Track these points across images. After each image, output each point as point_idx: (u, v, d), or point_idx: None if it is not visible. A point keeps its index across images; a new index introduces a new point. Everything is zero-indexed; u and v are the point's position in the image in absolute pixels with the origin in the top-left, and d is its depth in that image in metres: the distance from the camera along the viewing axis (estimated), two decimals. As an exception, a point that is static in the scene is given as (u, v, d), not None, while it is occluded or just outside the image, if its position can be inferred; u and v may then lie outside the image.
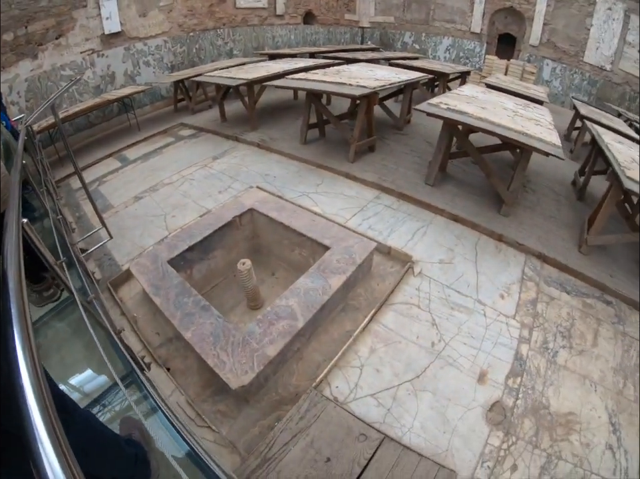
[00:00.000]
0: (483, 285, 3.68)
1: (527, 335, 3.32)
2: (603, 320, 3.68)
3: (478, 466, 2.54)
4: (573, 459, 2.81)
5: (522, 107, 5.63)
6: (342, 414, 2.52)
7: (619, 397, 3.27)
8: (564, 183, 5.71)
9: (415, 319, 3.32)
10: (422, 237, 4.17)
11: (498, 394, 2.92)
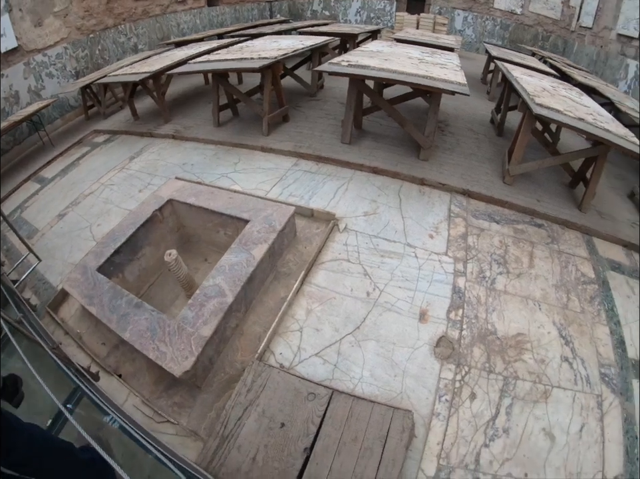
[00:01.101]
0: (410, 228, 3.84)
1: (462, 268, 3.50)
2: (536, 243, 3.93)
3: (435, 402, 2.70)
4: (531, 377, 3.02)
5: (429, 54, 5.90)
6: (287, 378, 2.61)
7: (565, 311, 3.53)
8: (483, 123, 6.03)
9: (347, 273, 3.43)
10: (344, 194, 4.30)
11: (442, 329, 3.08)
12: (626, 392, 3.38)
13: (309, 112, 6.48)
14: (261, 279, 3.36)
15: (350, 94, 4.96)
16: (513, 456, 2.68)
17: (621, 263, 4.48)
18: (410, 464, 2.47)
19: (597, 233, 4.37)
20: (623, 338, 3.75)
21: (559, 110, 4.34)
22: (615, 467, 2.94)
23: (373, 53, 5.59)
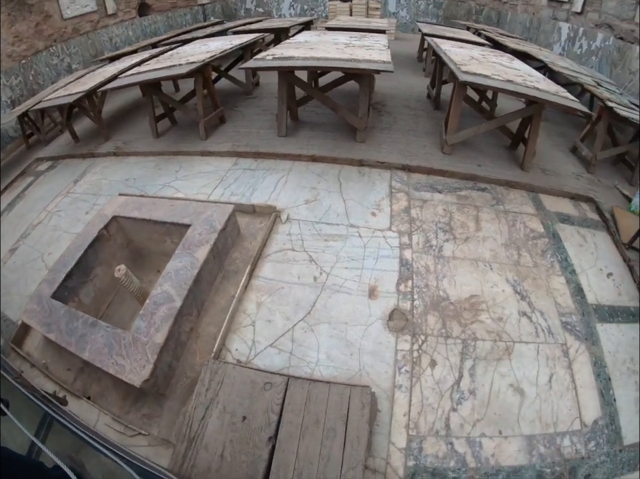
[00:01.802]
0: (352, 210, 3.90)
1: (408, 241, 3.57)
2: (481, 206, 4.03)
3: (396, 374, 2.75)
4: (490, 336, 3.11)
5: (357, 39, 6.02)
6: (243, 372, 2.67)
7: (518, 267, 3.64)
8: (420, 99, 6.17)
9: (292, 262, 3.47)
10: (284, 186, 4.34)
11: (393, 302, 3.14)
12: (591, 337, 3.51)
13: (245, 110, 6.50)
14: (209, 280, 3.42)
15: (280, 87, 5.03)
16: (484, 415, 2.76)
17: (569, 215, 4.67)
18: (379, 439, 2.52)
19: (542, 189, 4.54)
20: (581, 285, 3.89)
21: (487, 75, 4.50)
22: (592, 411, 3.09)
23: (300, 44, 5.68)
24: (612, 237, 4.66)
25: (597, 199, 4.97)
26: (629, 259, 4.45)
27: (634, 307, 4.07)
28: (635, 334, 3.78)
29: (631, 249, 4.54)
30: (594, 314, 3.71)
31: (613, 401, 3.25)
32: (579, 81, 6.43)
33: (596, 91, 6.10)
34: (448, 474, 2.49)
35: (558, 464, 2.76)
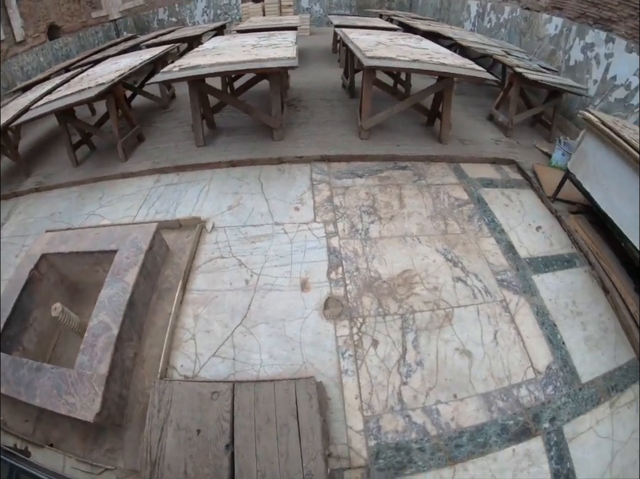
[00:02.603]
0: (275, 208, 3.93)
1: (333, 229, 3.62)
2: (403, 184, 4.13)
3: (340, 360, 2.79)
4: (428, 306, 3.20)
5: (265, 38, 6.08)
6: (189, 386, 2.67)
7: (446, 236, 3.76)
8: (336, 90, 6.29)
9: (223, 269, 3.46)
10: (206, 196, 4.33)
11: (326, 291, 3.18)
12: (529, 289, 3.68)
13: (163, 125, 6.43)
14: (144, 302, 3.39)
15: (192, 97, 5.01)
16: (435, 383, 2.84)
17: (492, 179, 4.88)
18: (336, 426, 2.55)
19: (462, 159, 4.73)
20: (511, 243, 4.07)
21: (392, 58, 4.63)
22: (543, 358, 3.23)
23: (207, 51, 5.68)
24: (536, 193, 4.91)
25: (517, 160, 5.23)
26: (555, 210, 4.70)
27: (567, 253, 4.28)
28: (572, 279, 4.01)
29: (556, 200, 4.80)
30: (528, 267, 3.88)
31: (562, 344, 3.42)
32: (488, 53, 6.74)
33: (505, 60, 6.41)
34: (411, 446, 2.54)
35: (520, 414, 2.88)
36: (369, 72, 4.64)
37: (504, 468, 2.64)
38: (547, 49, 7.87)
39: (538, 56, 8.05)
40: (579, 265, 4.24)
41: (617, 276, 4.23)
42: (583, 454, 2.92)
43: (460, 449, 2.62)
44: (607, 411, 3.21)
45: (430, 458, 2.54)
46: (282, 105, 4.94)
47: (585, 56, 6.98)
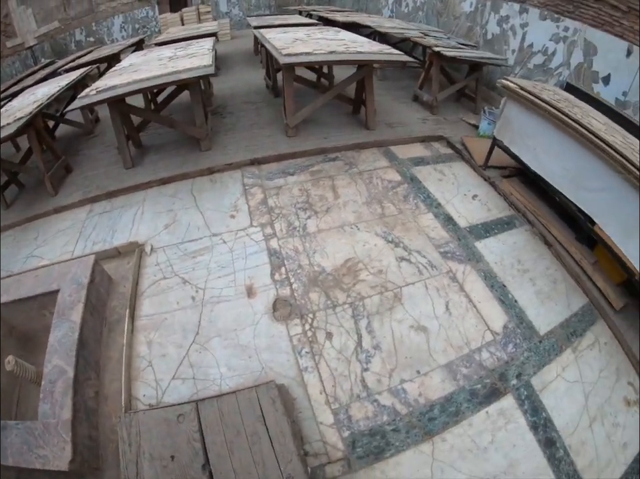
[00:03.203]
0: (211, 219, 3.88)
1: (271, 230, 3.61)
2: (335, 175, 4.18)
3: (298, 359, 2.79)
4: (376, 290, 3.25)
5: (183, 49, 5.98)
6: (154, 414, 2.58)
7: (384, 219, 3.82)
8: (260, 92, 6.25)
9: (168, 290, 3.40)
10: (141, 218, 4.23)
11: (273, 293, 3.17)
12: (474, 257, 3.79)
13: (90, 151, 6.19)
14: (95, 338, 3.27)
15: (114, 119, 4.86)
16: (396, 363, 2.88)
17: (423, 157, 4.98)
18: (308, 424, 2.55)
19: (391, 142, 4.80)
20: (449, 214, 4.17)
21: (309, 52, 4.65)
22: (498, 319, 3.34)
23: (124, 69, 5.53)
24: (468, 164, 5.05)
25: (446, 135, 5.36)
26: (488, 177, 4.84)
27: (506, 216, 4.44)
28: (514, 239, 4.17)
29: (488, 168, 4.95)
30: (470, 235, 4.00)
31: (515, 303, 3.55)
32: (406, 36, 6.87)
33: (423, 41, 6.56)
34: (384, 429, 2.57)
35: (486, 377, 2.96)
36: (288, 70, 4.64)
37: (481, 431, 2.70)
38: (464, 26, 8.10)
39: (456, 34, 8.29)
40: (519, 225, 4.42)
41: (556, 229, 4.41)
42: (556, 401, 3.03)
43: (434, 422, 2.67)
44: (571, 357, 3.34)
45: (407, 437, 2.57)
46: (206, 114, 4.88)
47: (502, 28, 7.23)
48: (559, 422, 2.92)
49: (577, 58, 5.95)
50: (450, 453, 2.56)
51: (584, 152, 3.84)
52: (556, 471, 2.68)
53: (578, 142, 3.85)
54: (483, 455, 2.60)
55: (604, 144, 3.61)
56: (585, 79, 5.91)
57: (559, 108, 3.99)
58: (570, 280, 4.01)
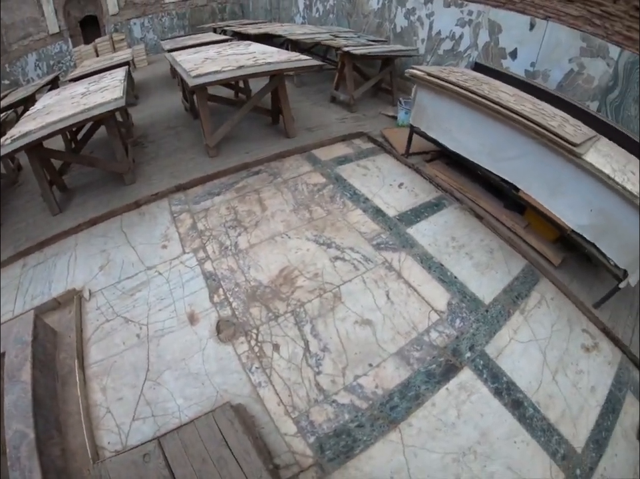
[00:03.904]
0: (144, 253, 3.80)
1: (204, 254, 3.57)
2: (260, 188, 4.18)
3: (250, 376, 2.76)
4: (314, 293, 3.26)
5: (95, 83, 5.77)
6: (120, 459, 2.49)
7: (313, 223, 3.85)
8: (179, 115, 6.15)
9: (112, 333, 3.30)
10: (75, 264, 4.09)
11: (214, 316, 3.14)
12: (407, 243, 3.85)
13: (16, 202, 5.82)
14: (50, 395, 3.11)
15: (33, 166, 4.63)
16: (347, 361, 2.89)
17: (345, 155, 5.04)
18: (272, 438, 2.52)
19: (313, 146, 4.83)
20: (378, 207, 4.23)
21: (218, 70, 4.60)
22: (441, 298, 3.42)
23: (37, 112, 5.30)
24: (391, 155, 5.16)
25: (366, 131, 5.45)
26: (412, 164, 4.96)
27: (434, 198, 4.54)
28: (445, 219, 4.28)
29: (410, 155, 5.06)
30: (400, 223, 4.06)
31: (455, 279, 3.63)
32: (316, 40, 6.93)
33: (333, 43, 6.63)
34: (348, 426, 2.58)
35: (439, 356, 3.01)
36: (200, 91, 4.60)
37: (446, 408, 2.74)
38: (374, 23, 8.27)
39: (367, 32, 8.45)
40: (448, 204, 4.54)
41: (485, 202, 4.58)
42: (514, 364, 3.10)
43: (396, 410, 2.70)
44: (521, 318, 3.44)
45: (372, 430, 2.59)
46: (126, 147, 4.76)
47: (409, 20, 7.43)
48: (521, 382, 2.99)
49: (484, 38, 6.20)
50: (419, 436, 2.58)
51: (496, 125, 3.98)
52: (529, 429, 2.75)
53: (489, 117, 3.99)
54: (453, 430, 2.64)
55: (514, 114, 3.75)
56: (494, 57, 6.16)
57: (467, 87, 4.13)
58: (506, 247, 4.14)
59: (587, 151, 3.56)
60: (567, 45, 5.15)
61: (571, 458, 2.69)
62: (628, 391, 3.26)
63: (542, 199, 3.90)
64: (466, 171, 4.83)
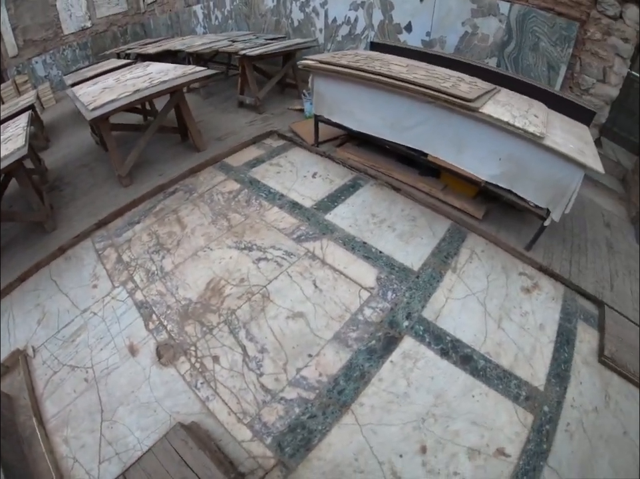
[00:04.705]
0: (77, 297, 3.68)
1: (132, 284, 3.50)
2: (178, 207, 4.15)
3: (197, 392, 2.72)
4: (243, 298, 3.23)
5: (-1, 134, 5.56)
6: None
7: (232, 230, 3.82)
8: (92, 150, 5.91)
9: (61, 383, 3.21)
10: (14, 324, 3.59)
11: (152, 342, 3.07)
12: (327, 229, 3.85)
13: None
14: (19, 459, 2.97)
15: None
16: (287, 356, 2.88)
17: (257, 157, 4.97)
18: (232, 448, 2.48)
19: (224, 154, 4.76)
20: (294, 200, 4.20)
21: (114, 99, 4.42)
22: (369, 275, 3.41)
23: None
24: (302, 147, 5.16)
25: (275, 128, 5.43)
26: (323, 152, 4.98)
27: (349, 180, 4.55)
28: (362, 198, 4.29)
29: (320, 144, 5.08)
30: (318, 212, 4.05)
31: (380, 253, 3.63)
32: (214, 49, 6.78)
33: (230, 48, 6.51)
34: (301, 419, 2.56)
35: (377, 331, 3.00)
36: (101, 123, 4.43)
37: (394, 380, 2.73)
38: (272, 22, 8.20)
39: (267, 31, 8.36)
40: (364, 183, 4.54)
41: (399, 173, 4.64)
42: (455, 321, 3.11)
43: (345, 392, 2.68)
44: (454, 277, 3.45)
45: (325, 417, 2.56)
46: (41, 194, 4.55)
47: (305, 12, 7.40)
48: (466, 337, 2.99)
49: (378, 17, 6.28)
50: (373, 413, 2.56)
51: (392, 97, 4.00)
52: (485, 380, 2.75)
53: (384, 91, 4.00)
54: (407, 400, 2.63)
55: (406, 83, 3.77)
56: (390, 33, 6.24)
57: (358, 67, 4.12)
58: (428, 212, 4.16)
59: (485, 104, 3.59)
60: (458, 10, 5.27)
61: (535, 397, 2.70)
62: (578, 320, 3.28)
63: (451, 159, 3.93)
64: (376, 148, 4.87)
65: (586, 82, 4.91)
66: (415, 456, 2.42)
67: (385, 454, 2.41)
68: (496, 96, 4.03)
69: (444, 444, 2.47)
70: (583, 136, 3.73)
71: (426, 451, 2.44)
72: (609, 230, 4.57)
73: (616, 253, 4.18)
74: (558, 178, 3.32)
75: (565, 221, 4.29)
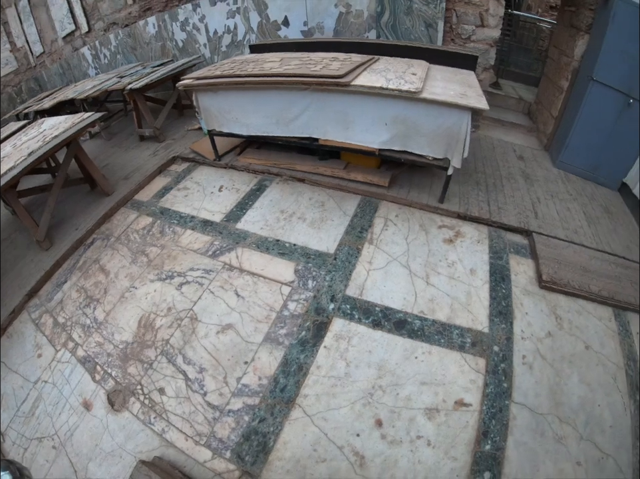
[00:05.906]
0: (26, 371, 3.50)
1: (72, 343, 3.37)
2: (98, 257, 3.99)
3: (152, 428, 2.65)
4: (173, 326, 3.16)
5: None
6: None
7: (152, 263, 3.72)
8: (9, 222, 5.40)
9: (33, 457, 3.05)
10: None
11: (102, 393, 2.99)
12: (240, 238, 3.81)
13: None
14: None
15: None
16: (225, 370, 2.83)
17: (164, 186, 4.82)
18: (197, 471, 2.42)
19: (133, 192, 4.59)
20: (204, 218, 4.16)
21: (12, 167, 4.06)
22: (286, 269, 3.36)
23: None
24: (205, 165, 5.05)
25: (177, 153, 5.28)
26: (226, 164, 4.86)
27: (255, 184, 4.53)
28: (270, 198, 4.23)
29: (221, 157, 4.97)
30: (228, 223, 3.99)
31: (294, 246, 3.62)
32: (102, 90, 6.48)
33: (117, 86, 6.22)
34: (252, 426, 2.50)
35: (305, 321, 2.96)
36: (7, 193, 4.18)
37: (333, 364, 2.66)
38: (157, 48, 7.88)
39: (155, 58, 8.01)
40: (269, 183, 4.47)
41: (300, 165, 4.61)
42: (380, 291, 3.01)
43: (287, 389, 2.61)
44: (371, 248, 3.36)
45: (274, 418, 2.51)
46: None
47: (186, 31, 7.13)
48: (396, 303, 2.89)
49: (255, 19, 6.14)
50: (319, 401, 2.50)
51: (270, 94, 3.94)
52: (425, 338, 2.65)
53: (260, 90, 3.94)
54: (349, 379, 2.56)
55: (277, 77, 3.72)
56: (270, 32, 6.12)
57: (230, 74, 4.04)
58: (335, 193, 4.08)
59: (358, 76, 3.56)
60: (329, -6, 4.91)
61: (482, 341, 2.61)
62: (509, 254, 3.19)
63: (340, 137, 3.89)
64: (276, 146, 4.82)
65: (465, 31, 4.89)
66: (372, 431, 2.36)
67: (342, 437, 2.35)
68: (373, 65, 3.99)
69: (398, 412, 2.40)
70: (467, 81, 3.72)
71: (382, 424, 2.38)
72: (522, 162, 4.55)
73: (534, 181, 4.14)
74: (447, 126, 3.30)
75: (476, 165, 4.27)
